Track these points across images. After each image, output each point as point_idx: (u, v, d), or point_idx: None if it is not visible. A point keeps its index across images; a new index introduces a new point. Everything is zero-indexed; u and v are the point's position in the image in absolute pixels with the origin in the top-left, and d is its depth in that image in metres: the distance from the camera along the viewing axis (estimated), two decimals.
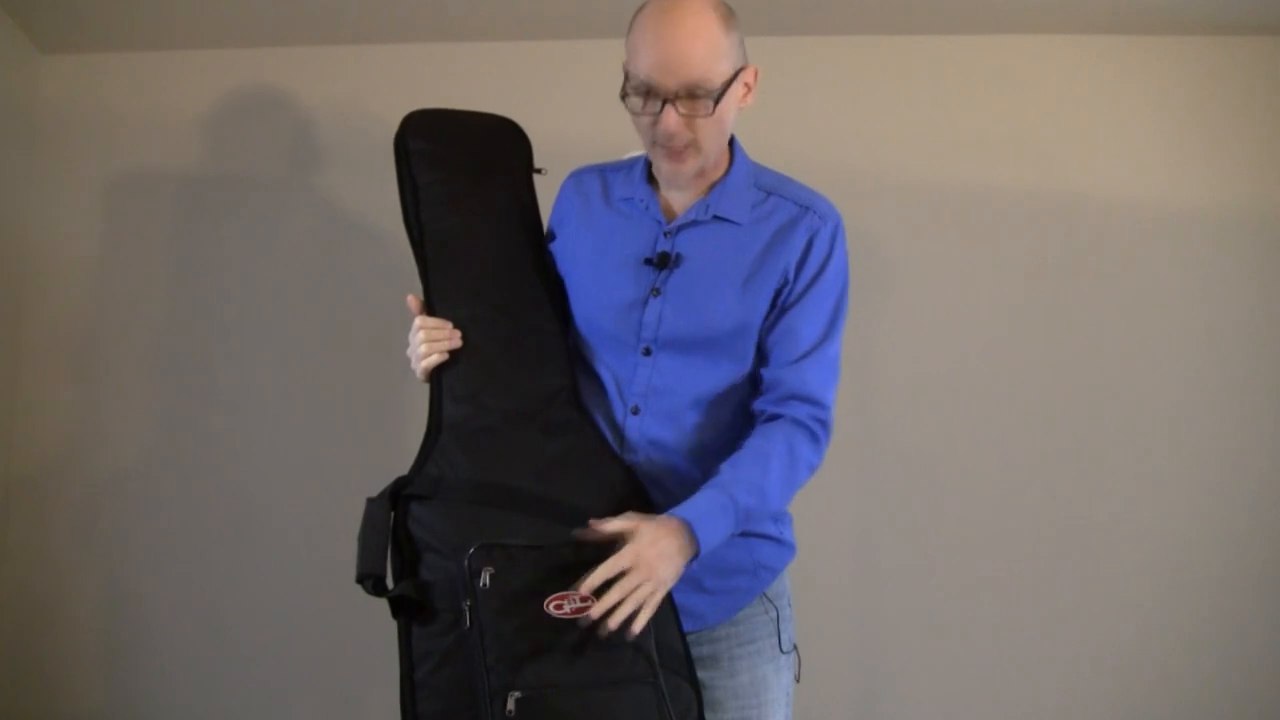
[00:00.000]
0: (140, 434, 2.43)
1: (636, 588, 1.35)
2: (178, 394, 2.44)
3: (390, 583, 1.44)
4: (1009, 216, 2.37)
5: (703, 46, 1.44)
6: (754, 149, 1.67)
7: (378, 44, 2.42)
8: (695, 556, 1.42)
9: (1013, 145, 2.37)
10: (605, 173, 1.68)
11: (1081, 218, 2.37)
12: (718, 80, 1.46)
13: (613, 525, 1.40)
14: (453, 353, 1.55)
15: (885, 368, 2.35)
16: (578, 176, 1.71)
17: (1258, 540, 2.32)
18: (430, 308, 1.59)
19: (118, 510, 2.42)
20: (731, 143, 1.63)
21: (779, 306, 1.55)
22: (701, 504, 1.44)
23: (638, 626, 1.35)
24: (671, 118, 1.46)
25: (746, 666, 1.56)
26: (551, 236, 1.70)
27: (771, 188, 1.60)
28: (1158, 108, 2.37)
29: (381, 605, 1.43)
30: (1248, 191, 2.35)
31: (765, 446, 1.49)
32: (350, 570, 1.39)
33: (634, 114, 1.50)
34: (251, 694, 2.40)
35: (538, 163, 1.74)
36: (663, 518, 1.42)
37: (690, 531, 1.41)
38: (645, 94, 1.47)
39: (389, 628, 1.44)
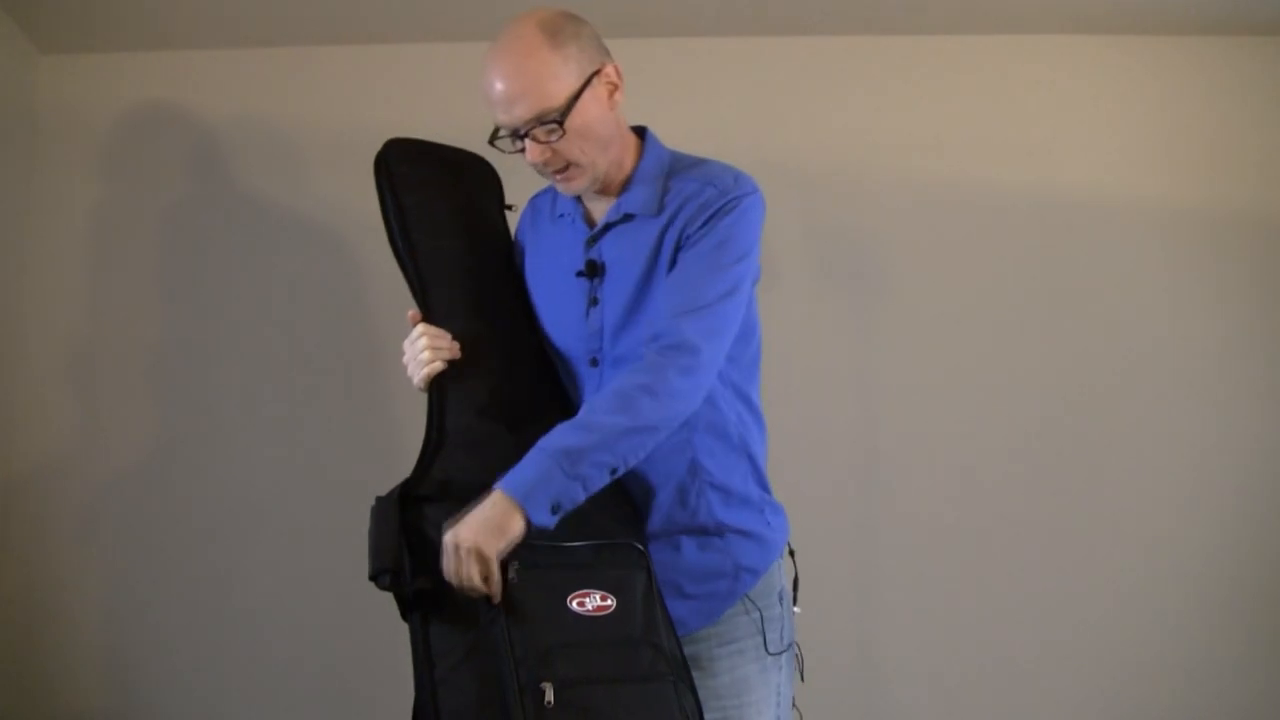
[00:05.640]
0: (140, 435, 2.43)
1: (456, 568, 1.32)
2: (178, 395, 2.44)
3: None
4: (1009, 216, 2.37)
5: (530, 77, 1.44)
6: (754, 149, 1.67)
7: (382, 44, 2.42)
8: (527, 513, 1.34)
9: (1013, 145, 2.37)
10: (555, 191, 1.66)
11: (1081, 218, 2.37)
12: (559, 101, 1.45)
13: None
14: (452, 364, 1.54)
15: (884, 367, 2.35)
16: (533, 200, 1.73)
17: (1256, 540, 2.32)
18: (428, 321, 1.59)
19: (117, 513, 2.42)
20: (645, 135, 1.61)
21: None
22: (514, 468, 1.38)
23: (495, 596, 1.33)
24: (534, 150, 1.47)
25: (727, 667, 1.55)
26: (519, 261, 1.71)
27: (681, 170, 1.56)
28: (1158, 108, 2.37)
29: (381, 607, 1.42)
30: (1247, 191, 2.35)
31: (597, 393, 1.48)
32: (348, 572, 1.39)
33: (506, 152, 1.51)
34: (252, 695, 2.39)
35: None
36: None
37: (502, 494, 1.35)
38: (507, 134, 1.48)
39: (391, 628, 1.43)
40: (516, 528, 1.34)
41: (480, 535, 1.32)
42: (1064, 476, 2.35)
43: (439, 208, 1.69)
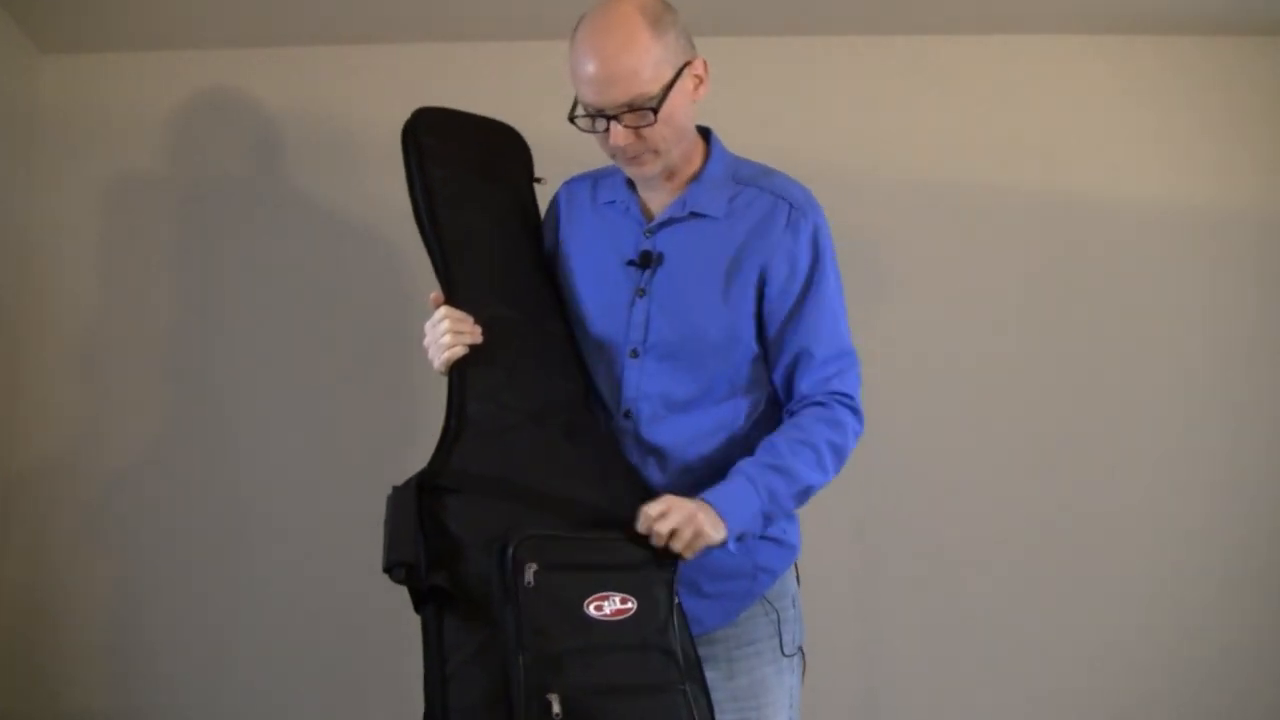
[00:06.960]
0: (142, 433, 2.43)
1: (677, 524, 1.40)
2: (179, 394, 2.44)
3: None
4: (1009, 216, 2.37)
5: (634, 61, 1.43)
6: (756, 149, 1.66)
7: (383, 44, 2.42)
8: (729, 535, 1.44)
9: (1013, 145, 2.37)
10: (596, 178, 1.68)
11: (1081, 218, 2.37)
12: (656, 89, 1.45)
13: (652, 508, 1.41)
14: (473, 349, 1.52)
15: (884, 367, 2.33)
16: (569, 185, 1.72)
17: (1257, 540, 2.32)
18: (451, 303, 1.56)
19: (119, 511, 2.42)
20: (709, 136, 1.62)
21: (777, 313, 1.54)
22: (724, 488, 1.46)
23: (683, 550, 1.41)
24: (618, 133, 1.47)
25: (745, 669, 1.56)
26: (548, 245, 1.70)
27: (749, 179, 1.58)
28: (1158, 108, 2.37)
29: (390, 607, 1.41)
30: (1248, 192, 2.35)
31: (789, 432, 1.51)
32: (354, 570, 1.38)
33: (584, 131, 1.50)
34: (254, 694, 2.39)
35: (538, 165, 1.75)
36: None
37: (716, 510, 1.43)
38: (591, 114, 1.48)
39: (399, 629, 1.42)
40: (721, 535, 1.43)
41: (710, 529, 1.41)
42: (1066, 477, 2.35)
43: (467, 182, 1.65)
